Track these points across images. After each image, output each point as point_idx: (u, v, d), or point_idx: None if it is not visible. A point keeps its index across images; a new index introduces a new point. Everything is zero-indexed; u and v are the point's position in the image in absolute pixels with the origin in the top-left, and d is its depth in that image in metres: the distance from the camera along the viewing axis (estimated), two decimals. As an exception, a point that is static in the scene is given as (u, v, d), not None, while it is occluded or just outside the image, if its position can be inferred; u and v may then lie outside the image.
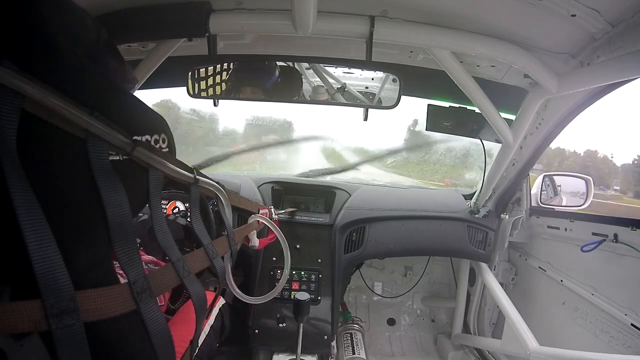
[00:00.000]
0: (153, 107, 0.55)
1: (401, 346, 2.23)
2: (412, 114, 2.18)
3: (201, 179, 0.74)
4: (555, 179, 1.88)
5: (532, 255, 1.86)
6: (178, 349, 0.72)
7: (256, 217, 1.12)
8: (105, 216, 0.45)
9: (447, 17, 1.05)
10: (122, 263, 0.48)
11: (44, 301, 0.38)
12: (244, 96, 1.40)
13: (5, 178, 0.35)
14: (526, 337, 1.37)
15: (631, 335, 1.22)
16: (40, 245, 0.37)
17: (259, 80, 1.37)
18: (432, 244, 1.78)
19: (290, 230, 1.70)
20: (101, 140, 0.44)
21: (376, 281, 2.35)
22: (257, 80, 1.37)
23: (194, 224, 0.71)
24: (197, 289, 0.64)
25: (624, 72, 0.91)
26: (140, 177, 0.53)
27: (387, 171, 2.54)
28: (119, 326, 0.47)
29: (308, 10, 0.94)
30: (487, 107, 1.28)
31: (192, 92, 1.30)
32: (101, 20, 1.06)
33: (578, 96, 1.21)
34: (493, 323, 2.10)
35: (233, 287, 0.98)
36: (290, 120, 2.44)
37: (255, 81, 1.37)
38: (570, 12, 0.89)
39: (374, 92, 1.48)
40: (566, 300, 1.58)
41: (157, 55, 1.20)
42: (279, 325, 1.56)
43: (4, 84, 0.35)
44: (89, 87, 0.46)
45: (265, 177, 2.00)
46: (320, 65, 1.40)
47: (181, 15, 1.04)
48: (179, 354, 0.81)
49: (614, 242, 1.29)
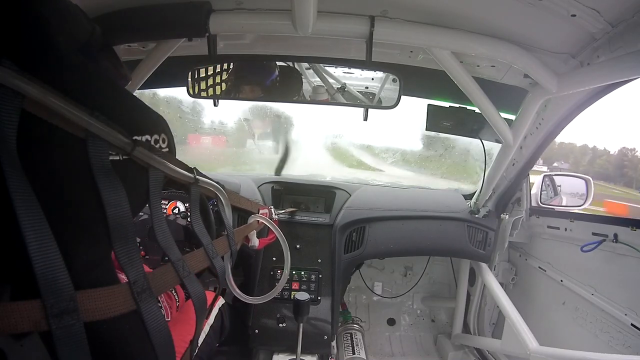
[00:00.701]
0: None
1: (401, 346, 2.23)
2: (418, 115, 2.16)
3: (201, 178, 0.74)
4: (555, 179, 1.88)
5: (532, 255, 1.86)
6: (178, 349, 0.72)
7: (256, 217, 1.12)
8: (105, 216, 0.45)
9: (447, 17, 1.05)
10: (122, 263, 0.48)
11: (44, 301, 0.38)
12: (244, 96, 1.40)
13: (5, 178, 0.35)
14: (526, 337, 1.37)
15: (631, 335, 1.22)
16: (40, 245, 0.37)
17: (259, 80, 1.37)
18: (432, 244, 1.78)
19: (290, 230, 1.70)
20: (101, 140, 0.44)
21: (376, 281, 2.35)
22: (257, 80, 1.37)
23: (194, 224, 0.71)
24: (197, 289, 0.64)
25: (624, 72, 0.91)
26: (140, 177, 0.53)
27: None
28: (119, 326, 0.47)
29: (308, 10, 0.94)
30: (487, 107, 1.28)
31: (192, 92, 1.30)
32: (101, 20, 1.06)
33: (578, 96, 1.21)
34: (493, 323, 2.10)
35: (233, 287, 0.98)
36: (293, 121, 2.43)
37: (255, 81, 1.37)
38: (570, 12, 0.89)
39: (374, 92, 1.48)
40: (566, 300, 1.58)
41: (157, 55, 1.20)
42: (279, 325, 1.56)
43: (4, 84, 0.35)
44: (89, 86, 0.46)
45: (265, 177, 2.01)
46: (320, 65, 1.40)
47: (181, 15, 1.04)
48: (178, 353, 0.81)
49: (614, 242, 1.29)
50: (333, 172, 2.43)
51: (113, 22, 1.06)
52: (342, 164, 2.57)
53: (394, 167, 2.49)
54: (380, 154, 2.56)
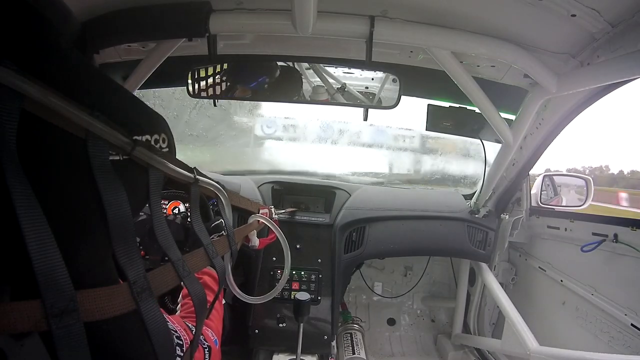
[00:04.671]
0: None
1: (401, 346, 2.23)
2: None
3: (201, 178, 0.74)
4: (555, 179, 1.88)
5: (532, 255, 1.86)
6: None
7: (256, 216, 1.12)
8: (105, 216, 0.45)
9: (447, 17, 1.05)
10: (122, 263, 0.48)
11: (44, 301, 0.38)
12: (244, 96, 1.40)
13: (6, 178, 0.35)
14: (526, 337, 1.37)
15: (631, 335, 1.23)
16: (40, 245, 0.37)
17: (251, 84, 1.37)
18: (432, 244, 1.78)
19: (291, 230, 1.71)
20: (101, 140, 0.44)
21: (376, 281, 2.35)
22: (250, 85, 1.37)
23: (194, 224, 0.71)
24: (197, 289, 0.64)
25: (624, 72, 0.91)
26: (140, 177, 0.53)
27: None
28: (119, 326, 0.47)
29: (308, 10, 0.94)
30: (487, 107, 1.28)
31: (192, 92, 1.30)
32: (102, 20, 1.06)
33: (578, 96, 1.21)
34: (493, 323, 2.10)
35: (233, 287, 0.98)
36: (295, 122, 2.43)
37: (248, 85, 1.37)
38: (570, 12, 0.89)
39: (374, 92, 1.48)
40: (566, 300, 1.58)
41: (157, 55, 1.20)
42: (279, 325, 1.56)
43: (4, 83, 0.35)
44: (89, 86, 0.46)
45: (265, 177, 2.01)
46: (320, 65, 1.40)
47: (181, 15, 1.04)
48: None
49: (614, 242, 1.29)
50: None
51: (113, 22, 1.05)
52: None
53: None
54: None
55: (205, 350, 0.77)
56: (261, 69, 1.36)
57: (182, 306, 0.94)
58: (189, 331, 0.69)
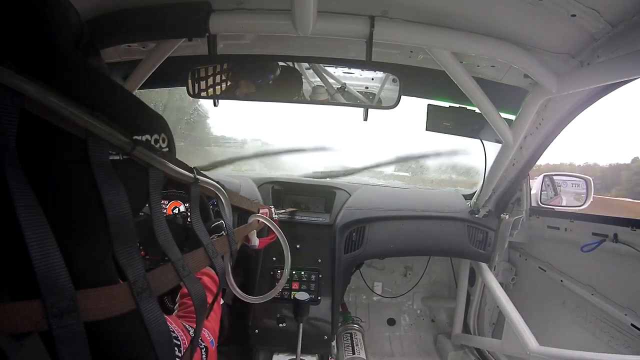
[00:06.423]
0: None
1: (401, 346, 2.23)
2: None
3: (201, 178, 0.74)
4: (555, 179, 1.88)
5: (532, 256, 1.86)
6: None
7: (256, 216, 1.12)
8: (105, 216, 0.45)
9: (447, 17, 1.05)
10: (122, 263, 0.48)
11: (44, 301, 0.38)
12: (244, 96, 1.40)
13: (6, 178, 0.35)
14: (526, 337, 1.37)
15: (631, 335, 1.22)
16: (40, 245, 0.37)
17: (258, 80, 1.37)
18: (432, 244, 1.78)
19: (291, 230, 1.70)
20: (101, 140, 0.44)
21: (376, 281, 2.35)
22: (257, 80, 1.37)
23: (194, 224, 0.71)
24: (197, 289, 0.64)
25: (624, 72, 0.91)
26: (140, 176, 0.53)
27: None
28: (119, 326, 0.47)
29: (308, 10, 0.94)
30: (487, 107, 1.28)
31: (192, 92, 1.30)
32: (102, 20, 1.06)
33: (578, 96, 1.21)
34: (493, 323, 2.10)
35: (233, 286, 0.98)
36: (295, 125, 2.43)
37: (255, 81, 1.37)
38: (570, 12, 0.89)
39: (374, 92, 1.48)
40: (566, 300, 1.58)
41: (157, 55, 1.20)
42: (279, 325, 1.56)
43: (4, 83, 0.35)
44: (89, 86, 0.46)
45: (265, 177, 2.01)
46: (320, 65, 1.40)
47: (181, 15, 1.04)
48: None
49: (614, 242, 1.29)
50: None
51: (113, 22, 1.06)
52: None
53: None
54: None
55: (202, 350, 0.77)
56: (271, 68, 1.36)
57: (180, 306, 0.94)
58: (186, 332, 0.69)
